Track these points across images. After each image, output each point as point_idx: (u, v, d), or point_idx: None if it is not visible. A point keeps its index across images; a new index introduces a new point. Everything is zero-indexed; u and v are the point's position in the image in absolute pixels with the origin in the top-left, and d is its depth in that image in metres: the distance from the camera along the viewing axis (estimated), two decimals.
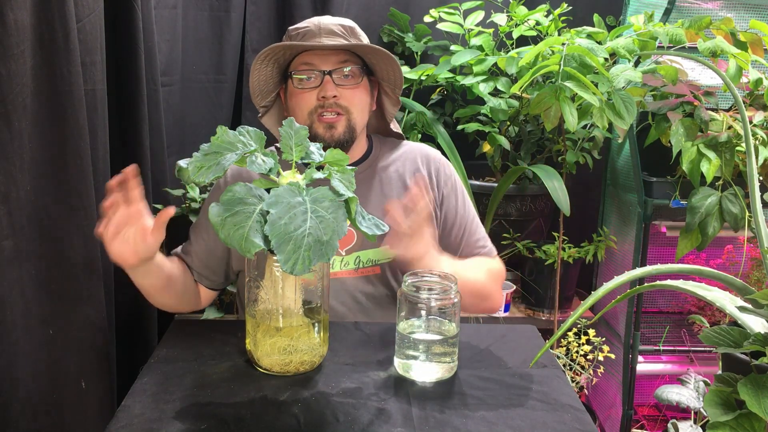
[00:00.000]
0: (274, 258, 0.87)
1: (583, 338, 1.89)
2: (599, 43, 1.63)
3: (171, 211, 0.99)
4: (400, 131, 1.41)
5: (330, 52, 1.25)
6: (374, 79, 1.33)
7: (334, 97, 1.23)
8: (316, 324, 0.97)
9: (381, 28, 2.11)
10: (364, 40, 1.31)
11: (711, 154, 1.61)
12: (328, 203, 0.82)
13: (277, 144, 1.37)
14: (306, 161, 0.91)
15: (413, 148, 1.39)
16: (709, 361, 2.01)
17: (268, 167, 0.86)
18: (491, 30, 1.96)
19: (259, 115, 1.36)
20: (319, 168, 0.91)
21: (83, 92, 1.15)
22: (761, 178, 1.69)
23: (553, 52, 1.55)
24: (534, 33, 1.91)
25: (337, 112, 1.25)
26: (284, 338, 0.94)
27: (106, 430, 0.83)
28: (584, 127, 1.97)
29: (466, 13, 1.97)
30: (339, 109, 1.24)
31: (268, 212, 0.78)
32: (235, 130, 0.88)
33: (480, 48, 1.93)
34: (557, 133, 1.99)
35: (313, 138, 1.25)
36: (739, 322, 0.76)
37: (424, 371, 0.97)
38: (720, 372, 0.74)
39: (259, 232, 0.78)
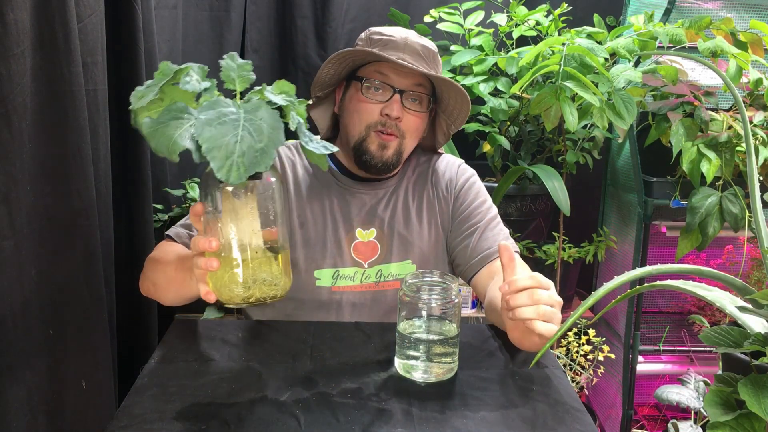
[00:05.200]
0: (228, 189, 0.86)
1: (583, 338, 1.89)
2: (599, 43, 1.63)
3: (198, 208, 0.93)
4: (442, 151, 1.40)
5: (407, 72, 1.22)
6: (433, 107, 1.31)
7: (397, 119, 1.21)
8: (275, 256, 0.93)
9: None
10: (440, 66, 1.29)
11: (711, 154, 1.61)
12: (263, 112, 0.79)
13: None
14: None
15: (439, 160, 1.37)
16: (709, 361, 2.01)
17: (204, 87, 0.84)
18: (491, 30, 1.97)
19: (309, 102, 1.31)
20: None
21: (84, 92, 1.15)
22: (761, 178, 1.69)
23: (553, 52, 1.55)
24: (534, 33, 1.91)
25: (394, 134, 1.22)
26: (244, 270, 0.90)
27: (106, 430, 0.83)
28: (584, 127, 1.97)
29: (466, 13, 1.97)
30: (397, 132, 1.22)
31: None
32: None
33: (480, 48, 1.93)
34: (557, 133, 1.99)
35: (362, 152, 1.23)
36: (739, 322, 0.76)
37: (425, 372, 0.97)
38: (720, 372, 0.74)
39: (189, 139, 0.76)
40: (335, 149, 0.88)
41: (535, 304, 0.91)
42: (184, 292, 1.04)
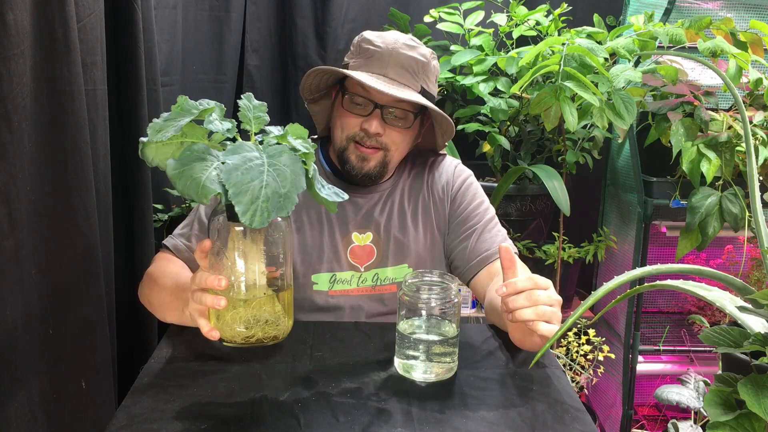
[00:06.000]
0: (237, 228, 0.87)
1: (583, 338, 1.89)
2: (599, 43, 1.63)
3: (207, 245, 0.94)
4: (443, 152, 1.39)
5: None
6: (428, 114, 1.28)
7: (377, 134, 1.20)
8: (279, 297, 0.94)
9: (381, 28, 2.11)
10: (432, 75, 1.25)
11: (711, 154, 1.61)
12: (286, 158, 0.81)
13: (313, 136, 1.36)
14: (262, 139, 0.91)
15: (435, 161, 1.37)
16: (709, 361, 2.01)
17: (226, 128, 0.86)
18: (491, 30, 1.97)
19: (306, 102, 1.32)
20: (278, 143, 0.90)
21: (83, 92, 1.15)
22: (761, 178, 1.69)
23: (553, 52, 1.55)
24: (534, 33, 1.91)
25: (376, 147, 1.21)
26: (246, 309, 0.91)
27: (106, 430, 0.83)
28: (584, 127, 1.97)
29: (466, 13, 1.97)
30: (378, 146, 1.21)
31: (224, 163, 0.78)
32: None
33: (480, 48, 1.93)
34: (557, 133, 1.99)
35: (345, 161, 1.23)
36: (739, 322, 0.76)
37: (425, 371, 0.97)
38: (720, 372, 0.73)
39: (216, 182, 0.78)
40: (346, 197, 0.90)
41: (534, 305, 0.91)
42: (181, 320, 1.05)
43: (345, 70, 1.19)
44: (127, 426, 0.83)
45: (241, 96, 0.91)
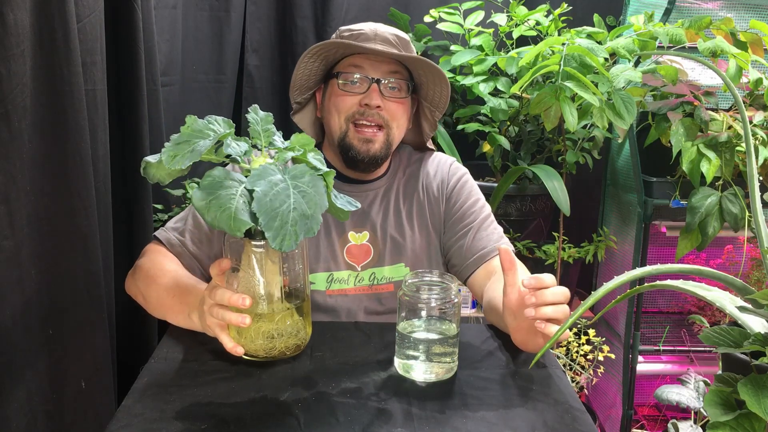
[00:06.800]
0: (253, 243, 0.88)
1: (583, 338, 1.89)
2: (599, 43, 1.63)
3: (225, 265, 0.94)
4: (433, 148, 1.40)
5: (381, 60, 1.22)
6: (415, 97, 1.31)
7: (378, 107, 1.21)
8: (298, 307, 0.96)
9: None
10: (414, 54, 1.27)
11: (711, 154, 1.61)
12: (308, 178, 0.82)
13: None
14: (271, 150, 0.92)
15: (430, 160, 1.37)
16: (709, 361, 2.01)
17: (243, 150, 0.87)
18: (491, 30, 1.97)
19: (292, 112, 1.33)
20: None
21: (83, 92, 1.15)
22: (761, 178, 1.69)
23: (553, 52, 1.55)
24: (534, 33, 1.91)
25: (378, 125, 1.22)
26: (267, 323, 0.93)
27: (106, 430, 0.83)
28: (584, 127, 1.97)
29: (466, 13, 1.97)
30: (380, 121, 1.22)
31: (251, 191, 0.78)
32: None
33: (480, 48, 1.93)
34: (557, 133, 1.99)
35: (347, 148, 1.23)
36: (739, 322, 0.76)
37: (425, 371, 0.97)
38: (720, 372, 0.73)
39: (246, 211, 0.78)
40: (358, 205, 0.92)
41: (561, 303, 0.91)
42: (186, 324, 1.06)
43: (342, 41, 1.20)
44: (127, 426, 0.83)
45: (249, 109, 0.92)
